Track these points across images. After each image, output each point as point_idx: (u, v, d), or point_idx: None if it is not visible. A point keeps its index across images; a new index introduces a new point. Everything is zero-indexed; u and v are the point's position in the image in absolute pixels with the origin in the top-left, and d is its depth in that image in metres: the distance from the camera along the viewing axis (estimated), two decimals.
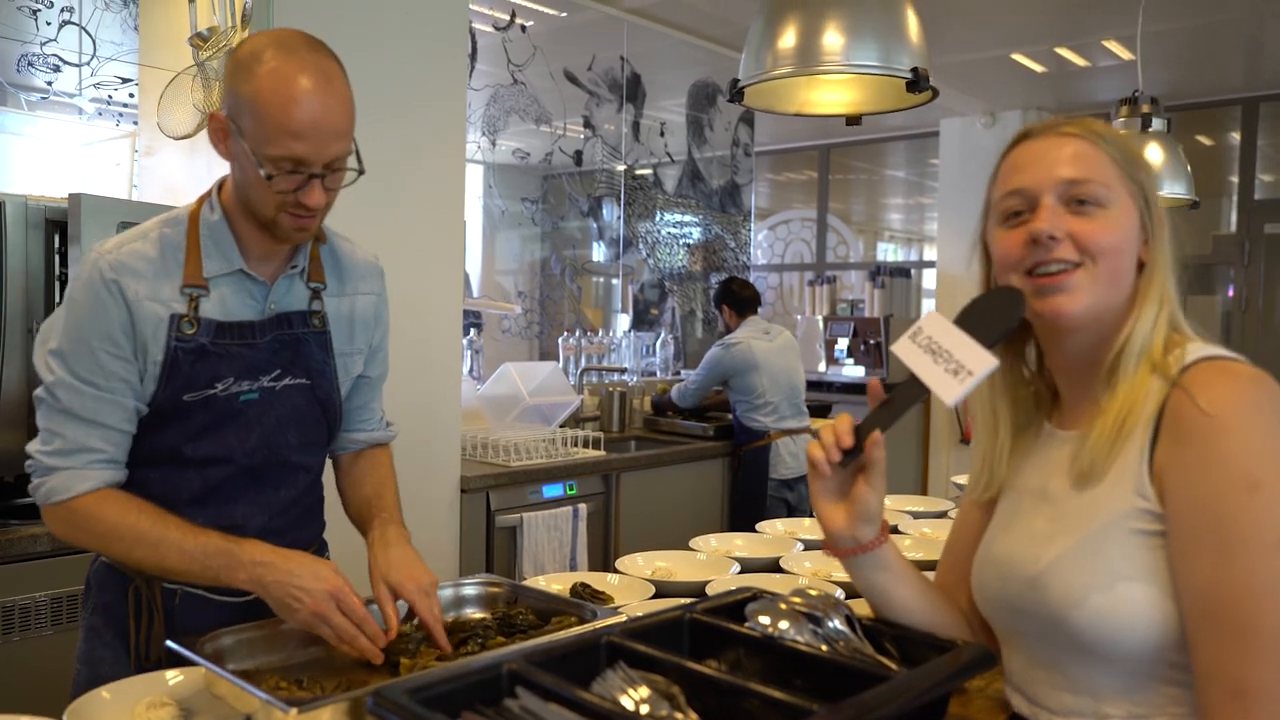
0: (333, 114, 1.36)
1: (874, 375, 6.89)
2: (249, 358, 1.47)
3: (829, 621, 1.13)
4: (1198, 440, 0.97)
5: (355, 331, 1.61)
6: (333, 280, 1.58)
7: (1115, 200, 1.09)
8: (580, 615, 1.46)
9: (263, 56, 1.34)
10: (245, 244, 1.47)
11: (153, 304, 1.41)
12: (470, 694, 0.95)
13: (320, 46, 1.40)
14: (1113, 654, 1.02)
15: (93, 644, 1.52)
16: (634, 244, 5.50)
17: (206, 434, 1.46)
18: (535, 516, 3.47)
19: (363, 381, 1.66)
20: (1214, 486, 0.95)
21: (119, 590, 1.50)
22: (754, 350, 4.37)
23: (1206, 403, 0.97)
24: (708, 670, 1.01)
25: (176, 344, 1.41)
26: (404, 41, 2.99)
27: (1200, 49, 5.46)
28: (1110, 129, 1.13)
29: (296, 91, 1.32)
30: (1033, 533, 1.11)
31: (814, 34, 1.97)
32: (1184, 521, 0.97)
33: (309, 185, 1.37)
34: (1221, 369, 1.01)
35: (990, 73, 5.95)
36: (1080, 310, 1.08)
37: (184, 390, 1.43)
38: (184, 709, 1.24)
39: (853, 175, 9.20)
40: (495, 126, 4.76)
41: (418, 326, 3.06)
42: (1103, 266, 1.08)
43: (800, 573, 1.97)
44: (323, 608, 1.31)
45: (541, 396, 3.93)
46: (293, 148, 1.33)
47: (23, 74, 3.12)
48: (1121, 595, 1.00)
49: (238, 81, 1.36)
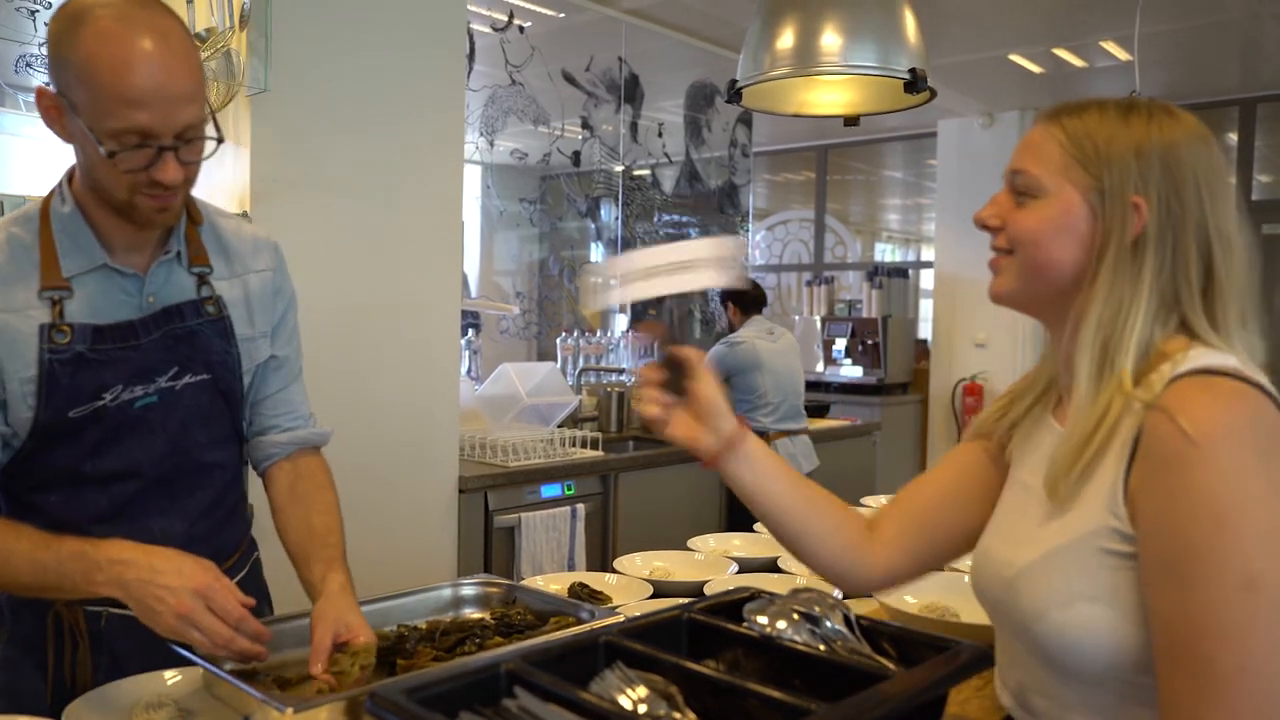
0: (176, 75, 1.18)
1: (872, 376, 6.90)
2: (135, 360, 1.32)
3: (827, 621, 1.14)
4: (1167, 466, 0.91)
5: (254, 313, 1.46)
6: (219, 262, 1.43)
7: (1050, 190, 1.05)
8: (578, 615, 1.46)
9: (87, 18, 1.17)
10: (105, 235, 1.31)
11: (5, 315, 1.26)
12: (468, 694, 0.95)
13: (153, 3, 1.23)
14: (1072, 669, 1.00)
15: (11, 676, 1.39)
16: (632, 244, 5.50)
17: (105, 449, 1.32)
18: (533, 517, 3.47)
19: (272, 363, 1.50)
20: (1180, 518, 0.89)
21: (35, 618, 1.37)
22: (758, 350, 4.40)
23: (1181, 425, 0.91)
24: (706, 670, 1.01)
25: (50, 356, 1.26)
26: (402, 42, 2.99)
27: (1198, 50, 5.47)
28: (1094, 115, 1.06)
29: (131, 54, 1.15)
30: (1014, 533, 1.10)
31: (812, 35, 1.97)
32: (1151, 550, 0.93)
33: (161, 160, 1.20)
34: (1203, 386, 0.94)
35: (988, 73, 5.95)
36: (1003, 294, 1.11)
37: (68, 406, 1.28)
38: (182, 710, 1.24)
39: (850, 176, 9.21)
40: (493, 127, 4.76)
41: (416, 327, 3.06)
42: (1020, 256, 1.08)
43: (798, 572, 1.97)
44: (187, 607, 1.14)
45: (539, 397, 3.93)
46: (134, 118, 1.16)
47: (21, 75, 3.12)
48: (1080, 614, 0.98)
49: (63, 48, 1.18)
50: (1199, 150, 1.03)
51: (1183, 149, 1.02)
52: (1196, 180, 1.01)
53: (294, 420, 1.53)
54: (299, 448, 1.53)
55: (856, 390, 6.91)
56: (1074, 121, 1.06)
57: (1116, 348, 1.00)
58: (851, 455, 5.22)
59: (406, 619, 1.47)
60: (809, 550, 1.25)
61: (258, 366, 1.48)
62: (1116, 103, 1.07)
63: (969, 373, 6.98)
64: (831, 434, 5.08)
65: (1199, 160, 1.02)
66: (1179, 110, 1.05)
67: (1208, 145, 1.04)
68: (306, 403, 1.57)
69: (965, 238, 6.98)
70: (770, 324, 4.60)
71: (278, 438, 1.51)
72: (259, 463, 1.54)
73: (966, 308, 6.97)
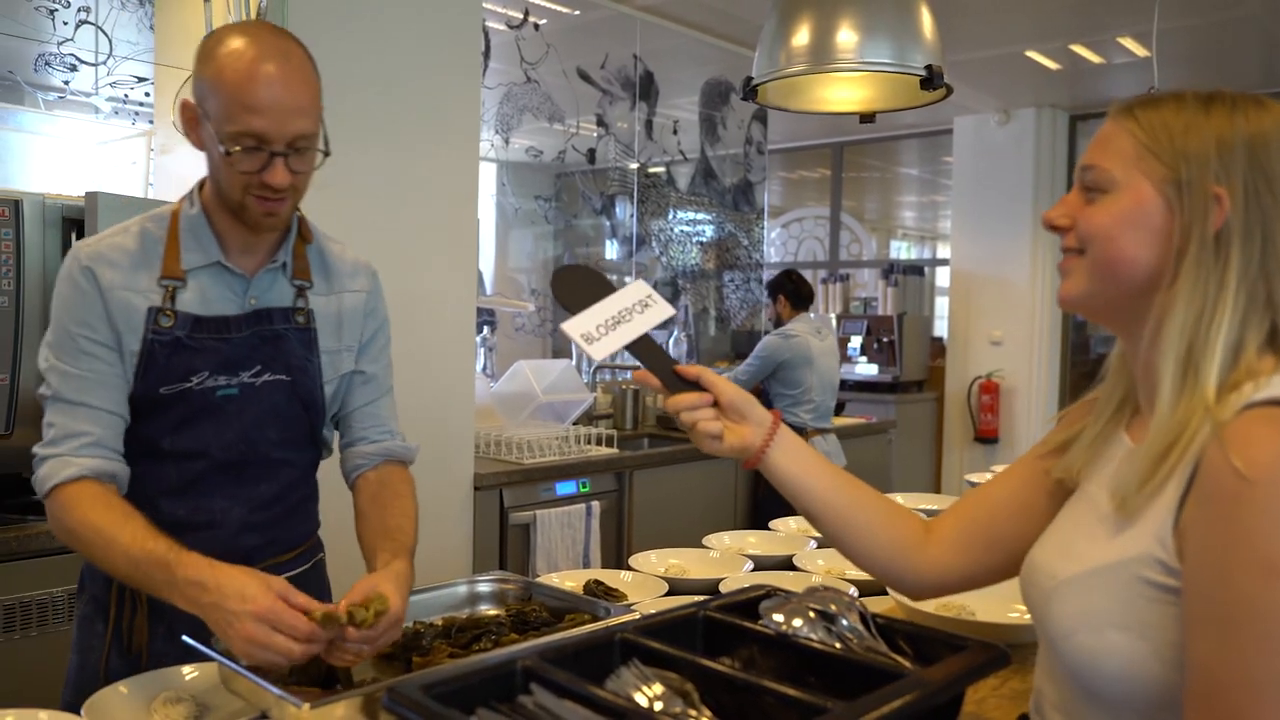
0: (292, 89, 1.35)
1: (887, 373, 6.88)
2: (225, 352, 1.46)
3: (842, 619, 1.13)
4: (1222, 505, 0.84)
5: (343, 328, 1.59)
6: (320, 279, 1.57)
7: (1120, 184, 0.98)
8: (594, 612, 1.46)
9: (225, 40, 1.36)
10: (224, 237, 1.47)
11: (127, 293, 1.41)
12: (484, 690, 0.95)
13: (284, 32, 1.42)
14: (1093, 692, 0.97)
15: (84, 633, 1.52)
16: (647, 242, 5.50)
17: (184, 427, 1.45)
18: (549, 514, 3.48)
19: (359, 378, 1.61)
20: (1231, 562, 0.82)
21: (105, 581, 1.50)
22: (810, 346, 4.42)
23: (1240, 464, 0.82)
24: (722, 667, 1.01)
25: (152, 336, 1.41)
26: (418, 40, 3.00)
27: (1216, 46, 5.43)
28: (1171, 105, 1.00)
29: (254, 68, 1.33)
30: (1064, 545, 1.05)
31: (828, 32, 1.97)
32: (1195, 590, 0.86)
33: (271, 164, 1.36)
34: (1272, 419, 0.84)
35: (1004, 70, 5.92)
36: (1073, 298, 1.04)
37: (159, 383, 1.42)
38: (199, 704, 1.25)
39: (866, 173, 9.19)
40: (508, 124, 4.77)
41: (431, 324, 3.07)
42: (1091, 254, 1.00)
43: (814, 570, 1.97)
44: (251, 633, 1.16)
45: (555, 394, 3.93)
46: (251, 123, 1.33)
47: (40, 73, 3.14)
48: (1108, 642, 0.93)
49: (202, 67, 1.38)
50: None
51: (1272, 138, 0.95)
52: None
53: (381, 433, 1.63)
54: (385, 459, 1.62)
55: (872, 388, 6.90)
56: (1149, 113, 1.00)
57: (1202, 353, 0.93)
58: (867, 453, 5.21)
59: (423, 615, 1.48)
60: (858, 544, 1.22)
61: (342, 379, 1.59)
62: (1196, 94, 1.00)
63: (984, 370, 6.95)
64: (847, 432, 5.07)
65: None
66: (1269, 100, 0.99)
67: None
68: (395, 419, 1.67)
69: (981, 235, 6.95)
70: (818, 323, 4.63)
71: (365, 449, 1.62)
72: (349, 474, 1.63)
73: (982, 305, 6.95)
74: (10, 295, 2.31)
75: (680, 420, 1.20)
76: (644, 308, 1.22)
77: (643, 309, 1.22)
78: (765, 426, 1.20)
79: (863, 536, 1.22)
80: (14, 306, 2.31)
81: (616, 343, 1.20)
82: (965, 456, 7.02)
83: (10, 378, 2.31)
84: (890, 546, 1.21)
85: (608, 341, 1.19)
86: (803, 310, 4.66)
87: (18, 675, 2.17)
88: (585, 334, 1.19)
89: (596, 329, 1.19)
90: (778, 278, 4.77)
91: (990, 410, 6.87)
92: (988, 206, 6.91)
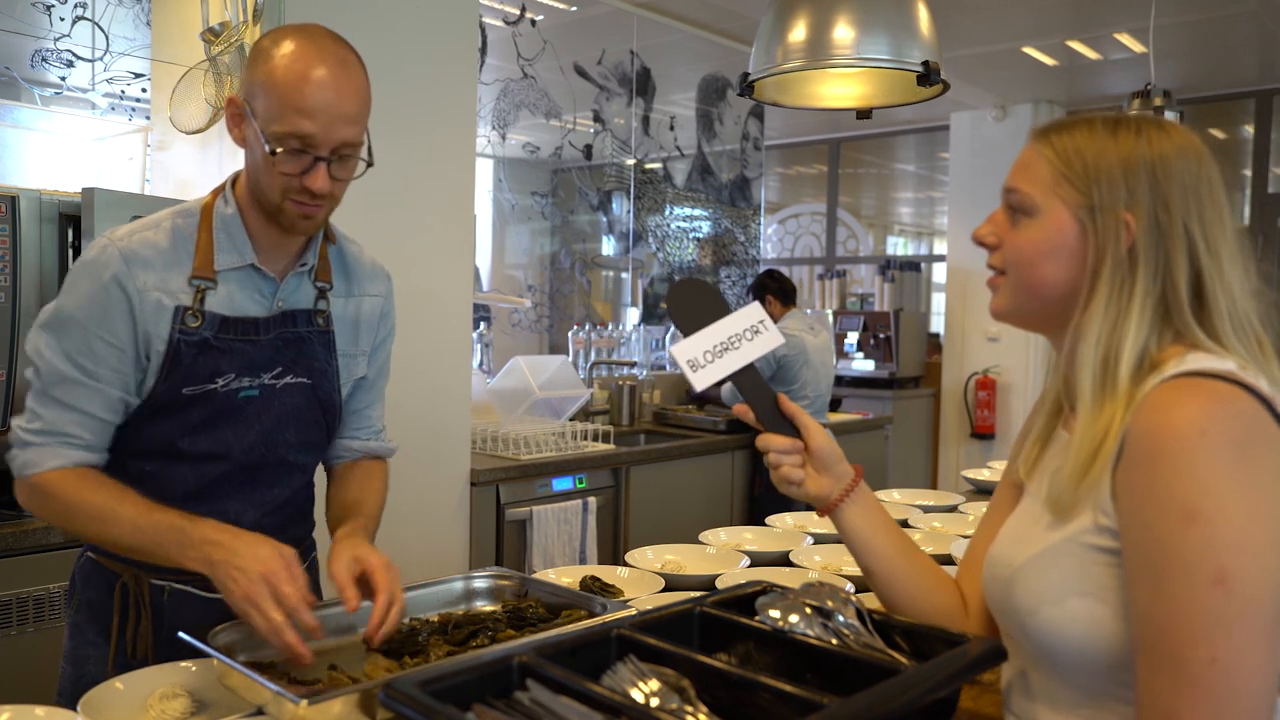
0: (344, 97, 1.35)
1: (884, 369, 6.89)
2: (251, 354, 1.45)
3: (839, 615, 1.13)
4: (1143, 463, 0.93)
5: (360, 332, 1.60)
6: (340, 281, 1.57)
7: (1041, 209, 1.06)
8: (590, 608, 1.46)
9: (282, 41, 1.36)
10: (256, 238, 1.46)
11: (159, 294, 1.39)
12: (481, 686, 0.96)
13: (342, 40, 1.41)
14: (1064, 667, 1.02)
15: (77, 642, 1.50)
16: (644, 238, 5.50)
17: (204, 429, 1.44)
18: (545, 510, 3.48)
19: (363, 383, 1.64)
20: (1153, 514, 0.91)
21: (104, 587, 1.48)
22: (805, 343, 4.42)
23: (1157, 424, 0.93)
24: (718, 663, 1.01)
25: (179, 336, 1.39)
26: (415, 35, 3.00)
27: (1213, 41, 5.43)
28: (1083, 131, 1.07)
29: (310, 71, 1.33)
30: (1017, 534, 1.11)
31: (824, 27, 1.96)
32: (1128, 544, 0.95)
33: (314, 169, 1.35)
34: (1187, 386, 0.94)
35: (1001, 66, 5.93)
36: (1001, 311, 1.13)
37: (183, 384, 1.41)
38: (196, 700, 1.25)
39: (863, 169, 9.19)
40: (505, 120, 4.76)
41: (428, 320, 3.07)
42: (1013, 276, 1.10)
43: (810, 566, 1.97)
44: (254, 591, 1.21)
45: (551, 390, 3.93)
46: (300, 125, 1.32)
47: (36, 69, 3.13)
48: (1071, 610, 1.00)
49: (255, 65, 1.37)
50: (1188, 163, 1.03)
51: (1172, 161, 1.03)
52: (1184, 192, 1.02)
53: (368, 434, 1.68)
54: (364, 455, 1.68)
55: (868, 384, 6.90)
56: (1062, 138, 1.07)
57: (1115, 360, 1.01)
58: (864, 449, 5.22)
59: (419, 612, 1.48)
60: (904, 605, 1.27)
61: (355, 383, 1.61)
62: (1105, 118, 1.08)
63: (981, 366, 6.96)
64: (844, 428, 5.07)
65: (1187, 173, 1.02)
66: (1171, 123, 1.06)
67: (1199, 158, 1.04)
68: (382, 418, 1.71)
69: None
70: (811, 319, 4.62)
71: (349, 444, 1.66)
72: (328, 461, 1.67)
73: (979, 301, 6.95)
74: (7, 291, 2.31)
75: (766, 459, 1.25)
76: (754, 334, 1.22)
77: (753, 335, 1.22)
78: (845, 481, 1.26)
79: (907, 599, 1.27)
80: (10, 302, 2.31)
81: (721, 371, 1.20)
82: (962, 452, 7.03)
83: (7, 373, 2.30)
84: (934, 615, 1.25)
85: (713, 370, 1.20)
86: (792, 306, 4.66)
87: (14, 671, 2.17)
88: (691, 360, 1.19)
89: (704, 355, 1.20)
90: (759, 279, 4.77)
91: (987, 406, 6.89)
92: (984, 202, 6.91)
